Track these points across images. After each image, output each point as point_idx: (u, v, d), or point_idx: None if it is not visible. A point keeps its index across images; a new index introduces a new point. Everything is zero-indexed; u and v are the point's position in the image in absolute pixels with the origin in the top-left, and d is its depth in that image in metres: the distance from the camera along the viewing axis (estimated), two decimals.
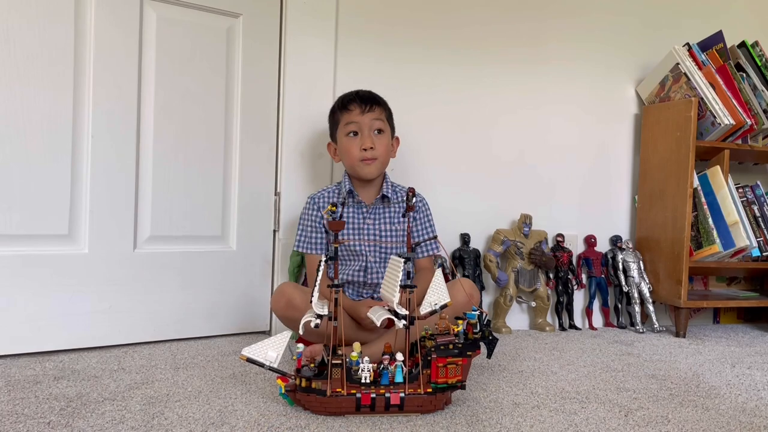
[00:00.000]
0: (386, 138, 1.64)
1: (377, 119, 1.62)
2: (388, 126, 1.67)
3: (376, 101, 1.64)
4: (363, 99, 1.62)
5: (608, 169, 2.28)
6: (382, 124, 1.63)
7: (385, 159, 1.65)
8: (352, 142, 1.62)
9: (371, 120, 1.61)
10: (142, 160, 1.68)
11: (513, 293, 2.05)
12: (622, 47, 2.28)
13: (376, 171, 1.63)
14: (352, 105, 1.62)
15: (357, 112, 1.61)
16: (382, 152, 1.62)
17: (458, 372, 1.19)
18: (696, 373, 1.58)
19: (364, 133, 1.61)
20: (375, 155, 1.61)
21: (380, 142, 1.62)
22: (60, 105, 1.56)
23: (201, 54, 1.76)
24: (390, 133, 1.68)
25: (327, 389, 1.15)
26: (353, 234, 1.64)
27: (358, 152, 1.60)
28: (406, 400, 1.17)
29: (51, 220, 1.57)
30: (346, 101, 1.64)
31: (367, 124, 1.61)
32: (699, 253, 2.08)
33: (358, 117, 1.61)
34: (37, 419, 1.10)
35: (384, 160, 1.65)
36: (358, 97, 1.63)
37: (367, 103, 1.61)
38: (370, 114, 1.61)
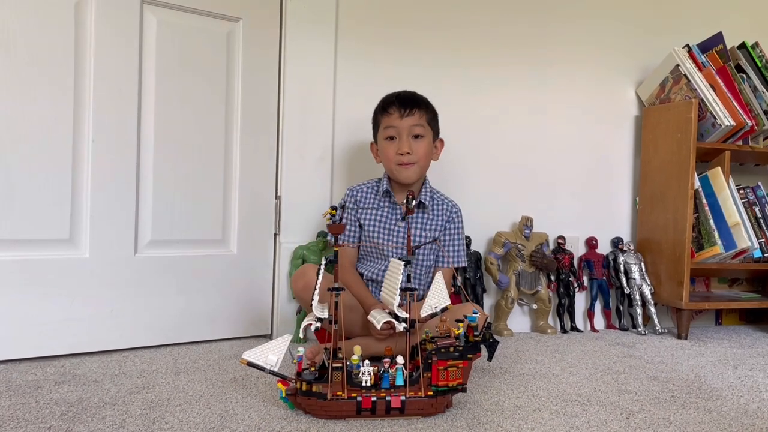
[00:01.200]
0: (425, 142, 1.63)
1: (416, 124, 1.61)
2: (430, 129, 1.65)
3: (416, 104, 1.62)
4: (402, 102, 1.61)
5: (609, 170, 2.28)
6: (421, 129, 1.62)
7: (424, 163, 1.65)
8: (389, 145, 1.63)
9: (410, 125, 1.61)
10: (142, 164, 1.68)
11: (514, 296, 2.05)
12: (622, 49, 2.28)
13: (413, 175, 1.64)
14: (391, 108, 1.62)
15: (396, 116, 1.61)
16: (420, 156, 1.62)
17: (459, 375, 1.19)
18: (698, 375, 1.58)
19: (402, 137, 1.61)
20: (412, 160, 1.61)
21: (418, 147, 1.62)
22: (61, 110, 1.56)
23: (201, 58, 1.77)
24: (432, 136, 1.67)
25: (327, 393, 1.15)
26: (383, 234, 1.66)
27: (395, 156, 1.62)
28: (407, 404, 1.16)
29: (52, 224, 1.57)
30: (387, 104, 1.64)
31: (405, 129, 1.61)
32: (700, 254, 2.08)
33: (396, 121, 1.61)
34: (38, 424, 1.10)
35: (423, 164, 1.65)
36: (397, 100, 1.62)
37: (406, 106, 1.60)
38: (409, 118, 1.60)
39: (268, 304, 1.89)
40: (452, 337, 1.21)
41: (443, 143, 1.73)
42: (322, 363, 1.22)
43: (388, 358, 1.22)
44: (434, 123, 1.68)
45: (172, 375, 1.44)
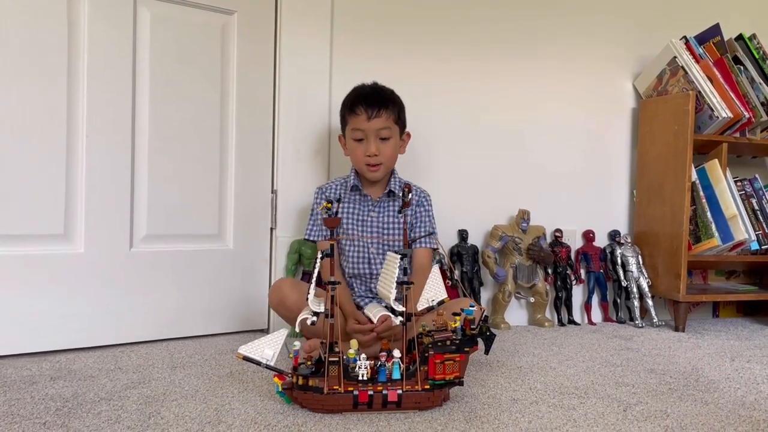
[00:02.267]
0: (392, 142, 1.64)
1: (383, 127, 1.61)
2: (397, 128, 1.65)
3: (383, 104, 1.61)
4: (369, 103, 1.60)
5: (606, 163, 2.28)
6: (388, 132, 1.62)
7: (390, 162, 1.66)
8: (357, 146, 1.63)
9: (377, 128, 1.60)
10: (137, 158, 1.68)
11: (511, 289, 2.05)
12: (619, 41, 2.27)
13: (380, 175, 1.65)
14: (358, 109, 1.61)
15: (363, 118, 1.60)
16: (387, 157, 1.63)
17: (456, 368, 1.19)
18: (695, 367, 1.57)
19: (370, 140, 1.60)
20: (379, 161, 1.62)
21: (386, 148, 1.62)
22: (54, 104, 1.55)
23: (196, 52, 1.75)
24: (398, 133, 1.67)
25: (324, 387, 1.14)
26: (356, 226, 1.66)
27: (363, 157, 1.62)
28: (403, 397, 1.16)
29: (46, 219, 1.56)
30: (354, 103, 1.62)
31: (372, 132, 1.60)
32: (698, 247, 2.08)
33: (364, 124, 1.60)
34: (33, 420, 1.09)
35: (389, 163, 1.65)
36: (365, 101, 1.61)
37: (373, 108, 1.59)
38: (377, 120, 1.60)
39: (264, 298, 1.88)
40: (449, 331, 1.20)
41: (410, 136, 1.72)
42: (319, 357, 1.22)
43: (384, 351, 1.21)
44: (401, 119, 1.67)
45: (168, 370, 1.44)
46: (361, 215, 1.68)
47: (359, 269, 1.66)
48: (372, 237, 1.66)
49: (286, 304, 1.54)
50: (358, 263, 1.66)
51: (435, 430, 1.09)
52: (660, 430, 1.11)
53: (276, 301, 1.58)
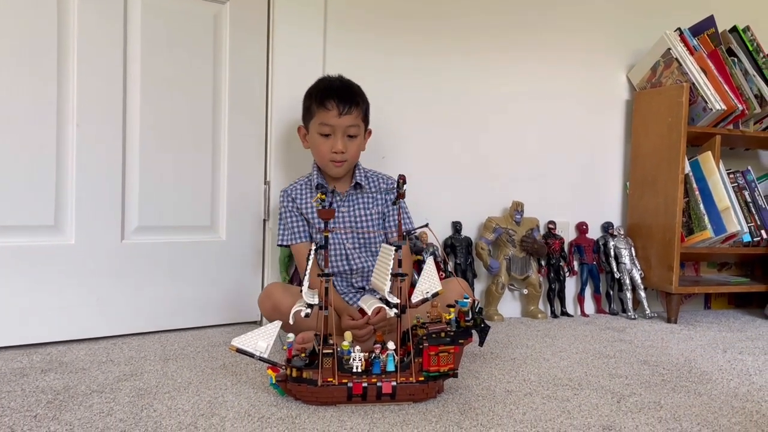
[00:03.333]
0: (359, 140, 1.62)
1: (352, 125, 1.58)
2: (363, 125, 1.64)
3: (354, 101, 1.58)
4: (341, 98, 1.56)
5: (600, 155, 2.27)
6: (356, 130, 1.59)
7: (354, 160, 1.64)
8: (323, 142, 1.59)
9: (346, 126, 1.57)
10: (128, 149, 1.66)
11: (505, 281, 2.05)
12: (613, 33, 2.26)
13: (344, 171, 1.63)
14: (329, 104, 1.56)
15: (334, 114, 1.56)
16: (352, 154, 1.61)
17: (450, 360, 1.18)
18: (688, 359, 1.58)
19: (338, 136, 1.57)
20: (344, 158, 1.59)
21: (352, 145, 1.60)
22: (44, 94, 1.53)
23: (187, 41, 1.73)
24: (364, 131, 1.65)
25: (318, 379, 1.14)
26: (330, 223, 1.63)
27: (329, 153, 1.59)
28: (398, 389, 1.16)
29: (36, 210, 1.54)
30: (325, 97, 1.57)
31: (341, 129, 1.57)
32: (690, 239, 2.08)
33: (334, 119, 1.56)
34: (24, 412, 1.08)
35: (353, 160, 1.64)
36: (336, 96, 1.56)
37: (345, 104, 1.56)
38: (347, 117, 1.57)
39: (257, 290, 1.87)
40: (443, 323, 1.20)
41: (371, 133, 1.70)
42: (312, 349, 1.21)
43: (379, 343, 1.21)
44: (367, 117, 1.65)
45: (161, 362, 1.43)
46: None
47: (337, 266, 1.63)
48: (346, 230, 1.63)
49: (281, 309, 1.47)
50: (336, 260, 1.63)
51: (429, 422, 1.09)
52: (653, 421, 1.12)
53: (269, 307, 1.53)
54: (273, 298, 1.53)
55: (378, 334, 1.27)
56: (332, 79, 1.65)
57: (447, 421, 1.09)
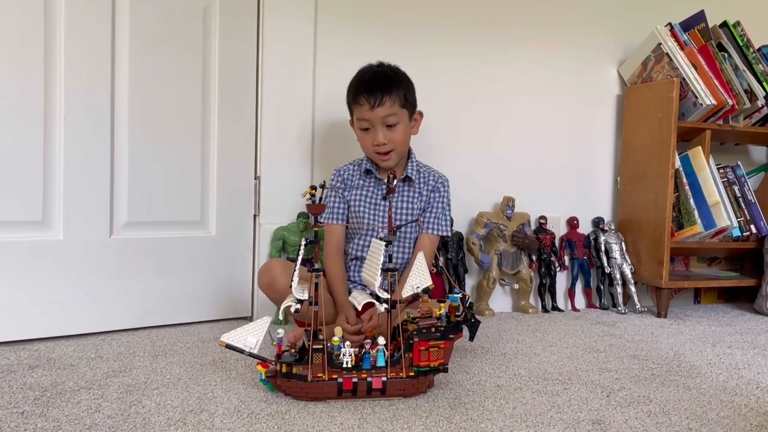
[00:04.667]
0: (401, 127, 1.59)
1: (389, 114, 1.55)
2: (404, 111, 1.59)
3: (386, 90, 1.55)
4: (371, 91, 1.54)
5: (591, 150, 2.28)
6: (395, 118, 1.57)
7: (401, 147, 1.62)
8: (365, 136, 1.60)
9: (382, 117, 1.55)
10: (116, 143, 1.64)
11: (496, 276, 2.05)
12: (604, 27, 2.26)
13: (393, 162, 1.62)
14: (360, 99, 1.56)
15: (366, 108, 1.55)
16: (398, 143, 1.59)
17: (440, 355, 1.18)
18: (677, 353, 1.59)
19: (376, 128, 1.56)
20: (388, 149, 1.58)
21: (393, 134, 1.58)
22: (31, 87, 1.51)
23: (177, 33, 1.72)
24: (408, 116, 1.61)
25: (308, 374, 1.13)
26: (369, 211, 1.64)
27: (372, 146, 1.59)
28: (388, 384, 1.16)
29: (24, 205, 1.52)
30: (356, 93, 1.57)
31: (378, 120, 1.56)
32: (680, 233, 2.09)
33: (367, 113, 1.55)
34: (10, 409, 1.07)
35: (401, 148, 1.61)
36: (366, 89, 1.55)
37: (375, 96, 1.54)
38: (380, 109, 1.54)
39: (248, 286, 1.87)
40: (434, 318, 1.19)
41: (422, 115, 1.68)
42: (303, 345, 1.20)
43: (369, 339, 1.21)
44: (409, 100, 1.61)
45: (150, 358, 1.42)
46: (374, 199, 1.65)
47: (365, 252, 1.63)
48: (383, 225, 1.63)
49: (276, 287, 1.52)
50: (365, 247, 1.64)
51: (419, 416, 1.09)
52: (643, 415, 1.12)
53: (266, 283, 1.56)
54: (271, 273, 1.55)
55: (368, 330, 1.27)
56: (365, 70, 1.62)
57: (437, 416, 1.09)
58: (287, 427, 1.03)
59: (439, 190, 1.68)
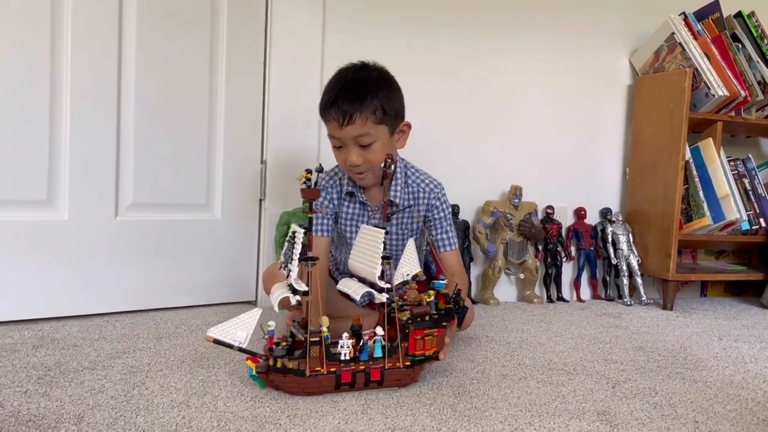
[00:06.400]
0: (378, 146, 1.37)
1: (361, 134, 1.34)
2: (382, 128, 1.37)
3: (357, 107, 1.33)
4: (340, 106, 1.33)
5: (600, 140, 2.25)
6: (368, 138, 1.35)
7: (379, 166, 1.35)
8: (338, 153, 1.42)
9: (353, 136, 1.35)
10: (122, 123, 1.63)
11: (501, 265, 2.04)
12: (616, 16, 2.23)
13: (370, 181, 1.44)
14: (328, 114, 1.37)
15: (335, 126, 1.36)
16: (374, 162, 1.38)
17: (434, 343, 1.17)
18: (683, 346, 1.58)
19: (348, 147, 1.37)
20: (363, 169, 1.39)
21: (369, 154, 1.37)
22: (37, 66, 1.50)
23: (184, 15, 1.70)
24: (388, 131, 1.39)
25: (306, 369, 1.09)
26: (354, 229, 1.51)
27: (345, 165, 1.42)
28: (385, 375, 1.14)
29: (29, 185, 1.52)
30: (324, 106, 1.38)
31: (349, 139, 1.36)
32: (689, 226, 2.07)
33: (337, 132, 1.36)
34: (14, 388, 1.07)
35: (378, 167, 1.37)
36: (333, 106, 1.35)
37: (345, 112, 1.33)
38: (350, 128, 1.34)
39: (252, 269, 1.86)
40: (424, 305, 1.18)
41: (410, 127, 1.48)
42: (293, 337, 1.15)
43: (354, 327, 1.18)
44: (390, 113, 1.38)
45: (154, 340, 1.42)
46: (361, 220, 1.51)
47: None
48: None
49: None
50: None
51: (423, 404, 1.08)
52: (648, 407, 1.11)
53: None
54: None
55: (355, 319, 1.23)
56: (338, 77, 1.41)
57: (441, 404, 1.08)
58: (290, 411, 1.02)
59: (437, 206, 1.50)
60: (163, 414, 0.99)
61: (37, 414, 0.97)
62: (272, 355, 1.11)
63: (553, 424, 1.01)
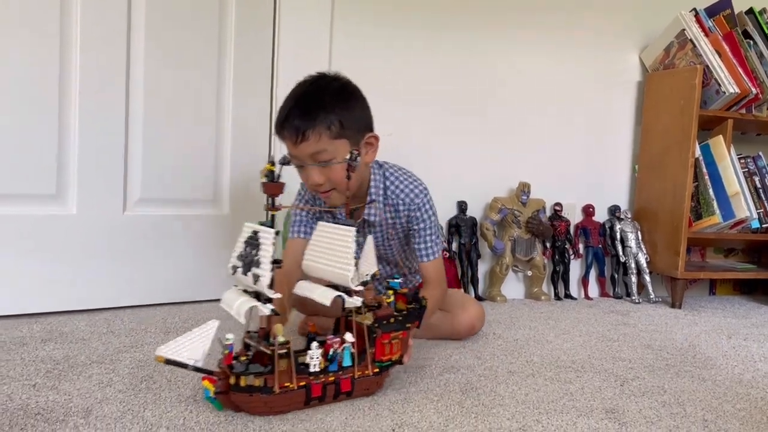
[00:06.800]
0: (339, 159, 1.25)
1: (317, 151, 1.23)
2: (341, 143, 1.25)
3: (309, 124, 1.22)
4: (291, 124, 1.23)
5: (609, 137, 2.24)
6: (326, 155, 1.24)
7: (345, 182, 1.18)
8: (301, 173, 1.32)
9: (309, 154, 1.24)
10: (131, 118, 1.63)
11: (509, 262, 2.03)
12: (626, 12, 2.21)
13: (339, 201, 1.31)
14: (282, 133, 1.27)
15: (290, 144, 1.26)
16: (338, 181, 1.27)
17: (400, 347, 1.11)
18: (692, 344, 1.57)
19: (307, 167, 1.27)
20: (327, 188, 1.29)
21: (330, 172, 1.26)
22: (46, 61, 1.50)
23: (193, 11, 1.70)
24: (347, 146, 1.25)
25: (274, 385, 0.96)
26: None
27: (309, 185, 1.31)
28: (355, 384, 1.05)
29: (38, 179, 1.52)
30: (278, 123, 1.28)
31: (306, 157, 1.25)
32: (698, 224, 2.06)
33: (293, 150, 1.26)
34: (23, 381, 1.07)
35: (345, 185, 1.18)
36: (286, 120, 1.25)
37: (297, 129, 1.22)
38: (304, 145, 1.23)
39: None
40: (385, 306, 1.11)
41: (377, 139, 1.34)
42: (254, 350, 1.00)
43: (333, 336, 1.06)
44: (347, 126, 1.26)
45: (162, 334, 1.42)
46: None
47: None
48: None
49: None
50: None
51: (431, 400, 1.08)
52: (657, 405, 1.11)
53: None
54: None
55: (311, 325, 1.11)
56: (293, 92, 1.30)
57: (449, 400, 1.08)
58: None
59: (417, 217, 1.40)
60: (171, 408, 0.99)
61: (45, 407, 0.97)
62: (233, 372, 0.96)
63: (560, 422, 1.01)
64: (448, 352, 1.38)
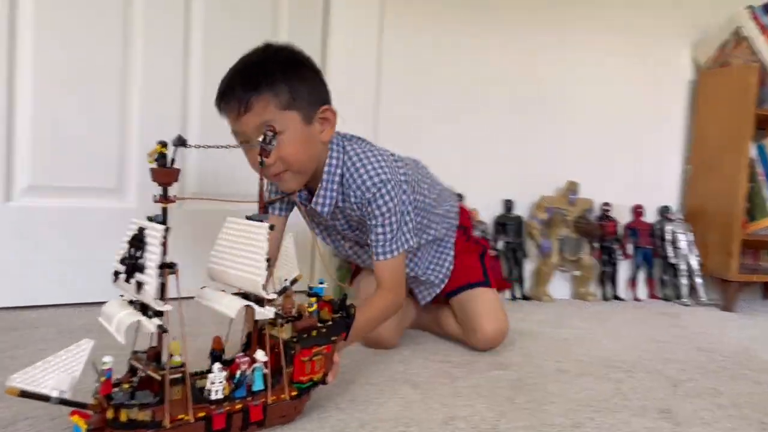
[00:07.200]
0: (289, 137, 1.08)
1: (263, 122, 1.04)
2: (292, 114, 1.08)
3: (253, 89, 1.05)
4: (230, 95, 1.08)
5: (659, 136, 2.21)
6: (277, 125, 1.02)
7: (300, 160, 1.10)
8: (246, 152, 1.13)
9: (254, 127, 1.06)
10: (189, 112, 1.68)
11: (556, 261, 2.02)
12: (678, 9, 2.17)
13: (295, 184, 1.14)
14: (224, 107, 1.10)
15: (233, 117, 1.09)
16: (291, 160, 1.09)
17: (323, 364, 0.93)
18: (746, 348, 1.53)
19: (252, 143, 1.06)
20: (279, 169, 1.10)
21: (281, 148, 1.06)
22: (110, 56, 1.56)
23: (246, 5, 1.73)
24: (300, 121, 1.09)
25: (164, 418, 0.77)
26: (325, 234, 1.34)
27: (256, 167, 1.01)
28: (269, 411, 0.87)
29: (100, 173, 1.58)
30: (219, 99, 1.11)
31: (251, 132, 1.07)
32: (753, 225, 2.01)
33: (236, 125, 1.09)
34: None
35: (300, 164, 1.10)
36: (227, 92, 1.09)
37: (239, 100, 1.06)
38: (249, 117, 1.06)
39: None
40: (306, 316, 0.93)
41: (335, 114, 1.15)
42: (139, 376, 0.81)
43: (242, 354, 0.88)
44: (300, 97, 1.09)
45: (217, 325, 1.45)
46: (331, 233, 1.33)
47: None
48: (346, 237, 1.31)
49: None
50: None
51: (481, 395, 1.09)
52: (713, 407, 1.09)
53: None
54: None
55: (216, 340, 0.92)
56: (236, 63, 1.12)
57: (499, 396, 1.09)
58: (348, 396, 1.04)
59: (369, 212, 1.16)
60: None
61: None
62: (112, 404, 0.75)
63: (614, 420, 1.00)
64: (495, 349, 1.38)
